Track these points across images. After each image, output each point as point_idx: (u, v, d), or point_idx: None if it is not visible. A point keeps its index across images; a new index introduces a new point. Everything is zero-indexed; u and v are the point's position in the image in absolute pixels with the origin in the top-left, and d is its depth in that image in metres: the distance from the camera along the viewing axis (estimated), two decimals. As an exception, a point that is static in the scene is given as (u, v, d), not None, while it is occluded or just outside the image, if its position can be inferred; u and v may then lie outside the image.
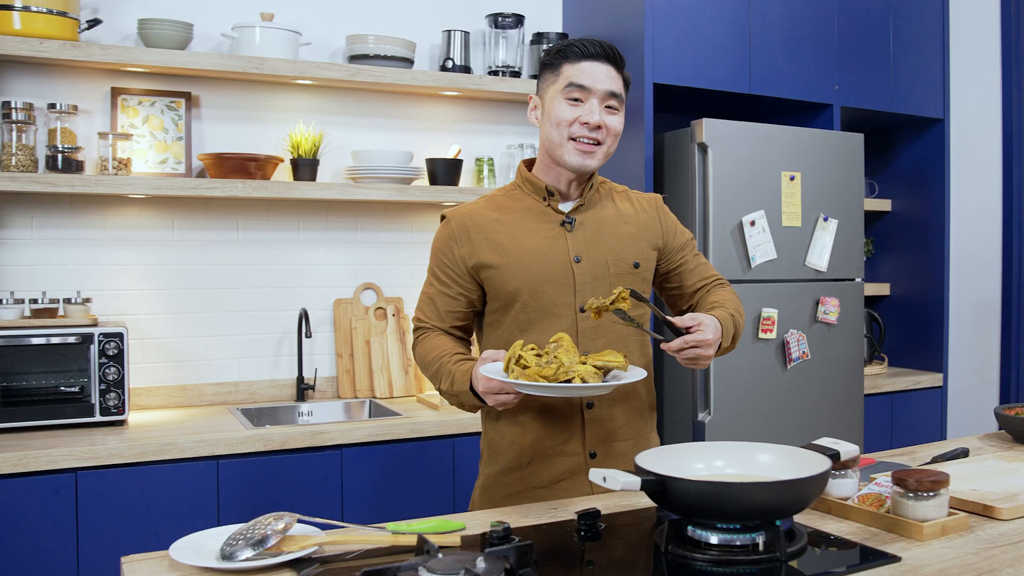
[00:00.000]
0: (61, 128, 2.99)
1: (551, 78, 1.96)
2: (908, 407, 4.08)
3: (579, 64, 1.92)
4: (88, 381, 2.84)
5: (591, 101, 1.92)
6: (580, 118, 1.92)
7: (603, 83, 1.92)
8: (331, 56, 3.51)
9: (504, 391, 1.75)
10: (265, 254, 3.42)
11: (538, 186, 2.01)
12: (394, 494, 2.97)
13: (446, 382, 1.90)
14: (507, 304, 1.97)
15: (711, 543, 1.48)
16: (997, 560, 1.48)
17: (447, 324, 2.02)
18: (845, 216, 3.59)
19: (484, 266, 1.96)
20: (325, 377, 3.49)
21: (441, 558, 1.29)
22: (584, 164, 1.95)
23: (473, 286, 1.99)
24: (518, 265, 1.94)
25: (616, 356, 1.76)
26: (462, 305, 2.01)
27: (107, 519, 2.59)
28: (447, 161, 3.49)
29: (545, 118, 1.98)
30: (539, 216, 2.00)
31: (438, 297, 2.01)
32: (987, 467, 2.06)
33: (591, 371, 1.71)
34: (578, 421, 1.97)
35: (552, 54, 1.97)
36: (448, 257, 1.99)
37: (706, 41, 3.49)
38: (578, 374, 1.69)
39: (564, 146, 1.94)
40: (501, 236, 1.97)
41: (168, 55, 3.03)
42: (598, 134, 1.93)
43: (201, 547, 1.47)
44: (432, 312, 2.02)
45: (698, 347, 1.79)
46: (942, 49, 4.15)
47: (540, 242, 1.96)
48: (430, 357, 1.96)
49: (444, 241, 2.01)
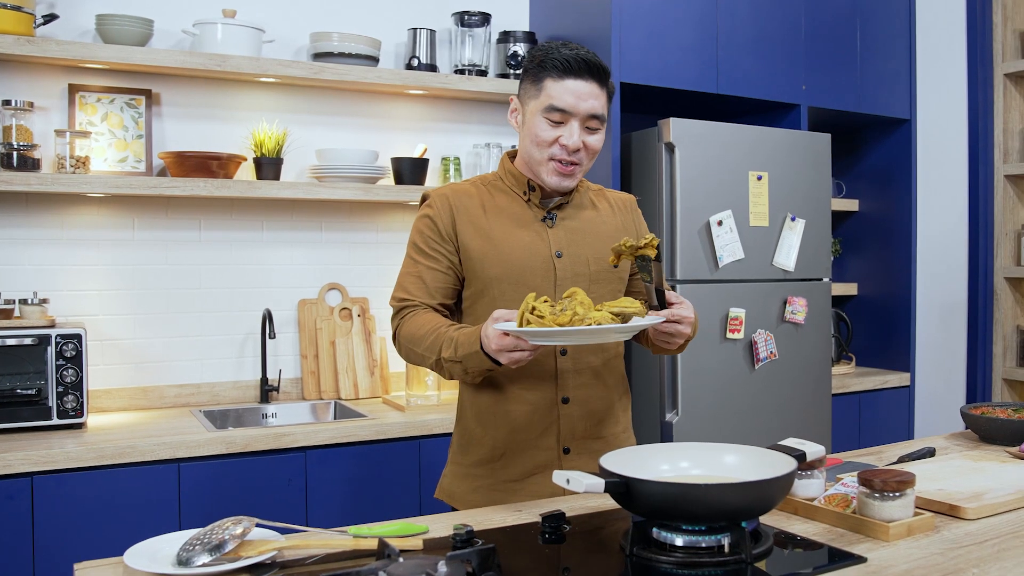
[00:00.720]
0: (17, 125, 2.92)
1: (532, 91, 1.93)
2: (875, 407, 4.09)
3: (562, 82, 1.88)
4: (45, 383, 2.78)
5: (572, 123, 1.90)
6: (560, 140, 1.90)
7: (585, 104, 1.89)
8: (295, 54, 3.46)
9: (519, 348, 1.70)
10: (228, 254, 3.37)
11: (520, 180, 2.00)
12: (360, 496, 2.93)
13: (448, 349, 1.82)
14: (483, 289, 1.95)
15: (676, 545, 1.46)
16: (963, 560, 1.48)
17: (436, 300, 1.97)
18: (812, 216, 3.59)
19: (465, 247, 1.94)
20: (290, 379, 3.44)
21: (402, 562, 1.26)
22: (561, 185, 1.95)
23: (458, 260, 1.97)
24: (499, 253, 1.93)
25: (633, 302, 1.74)
26: (451, 280, 1.97)
27: (64, 525, 2.53)
28: (413, 160, 3.46)
29: (525, 130, 1.95)
30: (521, 208, 1.99)
31: (426, 273, 1.96)
32: (953, 467, 2.06)
33: (608, 317, 1.68)
34: (553, 416, 1.95)
35: (535, 63, 1.92)
36: (434, 231, 1.97)
37: (674, 41, 3.48)
38: (595, 320, 1.66)
39: (544, 165, 1.93)
40: (483, 221, 1.96)
41: (127, 51, 2.97)
42: (577, 156, 1.92)
43: (156, 553, 1.43)
44: (419, 289, 1.96)
45: (680, 323, 1.81)
46: (909, 49, 4.18)
47: (523, 234, 1.96)
48: (424, 330, 1.88)
49: (434, 214, 1.98)
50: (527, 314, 1.69)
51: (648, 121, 3.42)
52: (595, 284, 1.97)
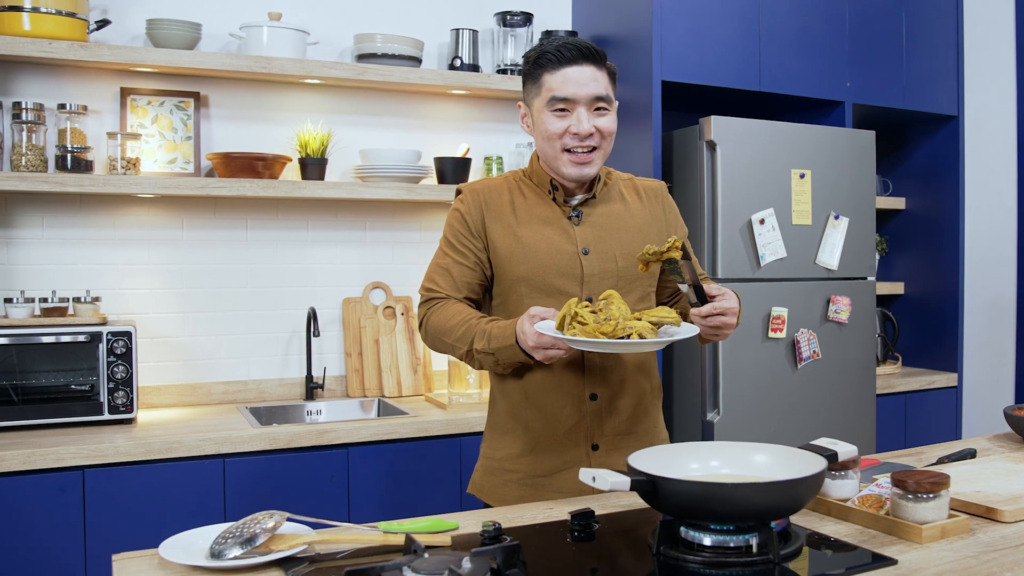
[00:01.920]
0: (71, 128, 3.01)
1: (533, 90, 1.95)
2: (922, 407, 4.04)
3: (559, 72, 1.89)
4: (97, 379, 2.86)
5: (578, 110, 1.90)
6: (570, 129, 1.90)
7: (587, 88, 1.89)
8: (339, 55, 3.51)
9: (556, 346, 1.73)
10: (274, 253, 3.43)
11: (544, 179, 2.01)
12: (400, 493, 2.97)
13: (480, 341, 1.85)
14: (511, 286, 1.98)
15: (704, 544, 1.46)
16: (996, 564, 1.46)
17: (461, 294, 1.99)
18: (856, 214, 3.56)
19: (494, 244, 1.97)
20: (334, 376, 3.50)
21: (427, 558, 1.29)
22: (582, 174, 1.95)
23: (486, 256, 1.99)
24: (526, 251, 1.95)
25: (670, 312, 1.78)
26: (477, 276, 2.00)
27: (114, 517, 2.61)
28: (455, 160, 3.49)
29: (536, 130, 1.97)
30: (548, 207, 2.00)
31: (453, 267, 1.99)
32: (993, 468, 2.03)
33: (648, 327, 1.72)
34: (582, 412, 1.97)
35: (530, 63, 1.94)
36: (464, 226, 2.00)
37: (715, 38, 3.46)
38: (636, 330, 1.70)
39: (559, 159, 1.93)
40: (512, 219, 1.98)
41: (176, 55, 3.04)
42: (591, 140, 1.92)
43: (191, 546, 1.47)
44: (447, 282, 1.99)
45: (724, 315, 1.80)
46: (956, 44, 4.10)
47: (550, 232, 1.97)
48: (453, 322, 1.91)
49: (461, 212, 2.01)
50: (568, 317, 1.71)
51: (690, 119, 3.41)
52: (623, 280, 1.97)
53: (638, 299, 2.00)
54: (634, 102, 3.40)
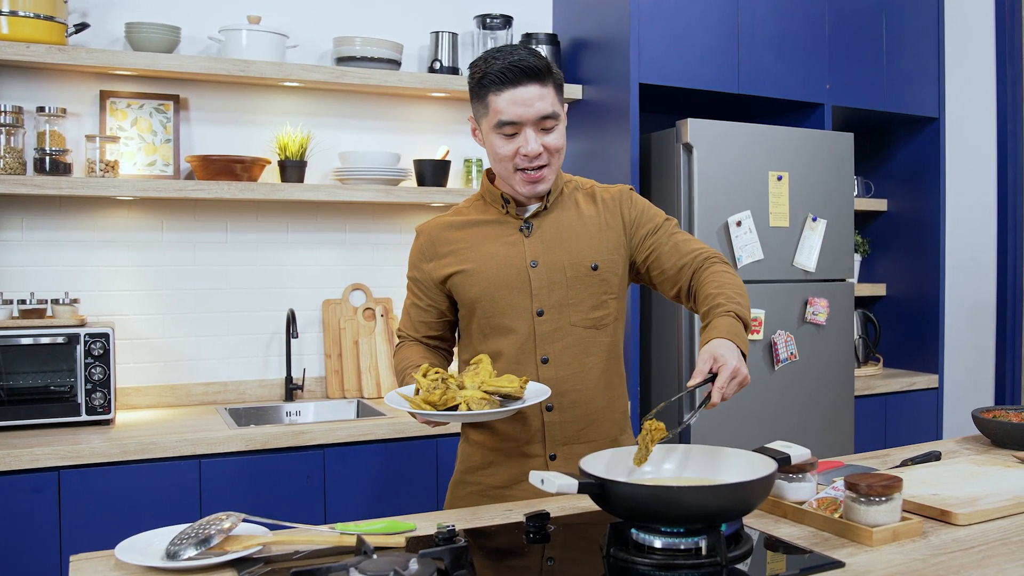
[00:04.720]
0: (50, 131, 3.02)
1: (481, 109, 1.93)
2: (903, 409, 4.05)
3: (504, 94, 1.86)
4: (75, 381, 2.88)
5: (525, 131, 1.89)
6: (520, 150, 1.90)
7: (533, 108, 1.87)
8: (319, 58, 3.53)
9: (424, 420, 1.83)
10: (254, 255, 3.44)
11: (496, 195, 2.02)
12: (378, 494, 2.99)
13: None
14: (470, 311, 2.02)
15: (655, 547, 1.48)
16: (944, 566, 1.47)
17: (420, 334, 2.10)
18: (835, 216, 3.57)
19: (449, 276, 2.01)
20: (314, 377, 3.51)
21: (374, 559, 1.30)
22: (535, 191, 1.96)
23: (442, 298, 2.06)
24: (477, 272, 1.98)
25: (512, 382, 1.78)
26: (432, 316, 2.08)
27: (90, 518, 2.62)
28: (435, 162, 3.50)
29: (486, 148, 1.97)
30: (499, 223, 2.02)
31: (412, 309, 2.11)
32: (955, 471, 2.04)
33: (478, 396, 1.73)
34: (539, 423, 1.98)
35: (475, 81, 1.91)
36: (418, 271, 2.08)
37: (694, 40, 3.48)
38: (464, 400, 1.73)
39: (512, 178, 1.94)
40: (463, 245, 2.01)
41: (155, 58, 3.06)
42: (540, 160, 1.91)
43: (147, 546, 1.49)
44: (407, 323, 2.12)
45: (734, 378, 1.71)
46: (936, 46, 4.12)
47: (499, 249, 1.98)
48: (398, 368, 2.05)
49: (415, 255, 2.09)
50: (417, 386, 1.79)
51: (669, 122, 3.42)
52: (572, 290, 1.96)
53: (591, 308, 1.98)
54: (612, 105, 3.42)
